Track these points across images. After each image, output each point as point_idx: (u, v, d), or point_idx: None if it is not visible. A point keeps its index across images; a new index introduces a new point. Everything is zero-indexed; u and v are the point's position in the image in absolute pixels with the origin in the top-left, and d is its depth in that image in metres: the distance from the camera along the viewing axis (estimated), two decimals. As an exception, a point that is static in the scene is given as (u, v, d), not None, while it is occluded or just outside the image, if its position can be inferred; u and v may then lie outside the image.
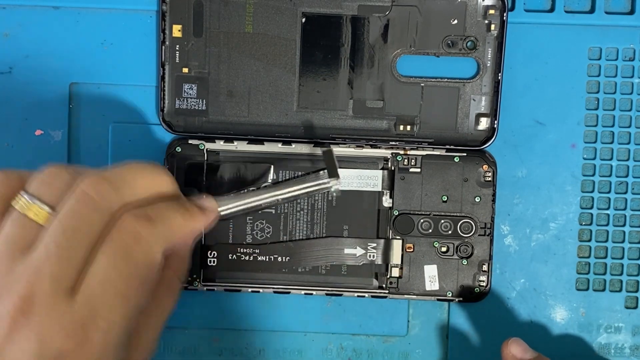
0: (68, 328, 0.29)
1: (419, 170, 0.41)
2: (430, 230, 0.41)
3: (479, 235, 0.41)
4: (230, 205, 0.36)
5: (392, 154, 0.41)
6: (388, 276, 0.41)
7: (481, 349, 0.43)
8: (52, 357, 0.29)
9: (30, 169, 0.42)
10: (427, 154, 0.41)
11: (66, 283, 0.30)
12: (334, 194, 0.41)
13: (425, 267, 0.41)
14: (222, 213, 0.36)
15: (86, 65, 0.42)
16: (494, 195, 0.41)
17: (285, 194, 0.38)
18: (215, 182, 0.41)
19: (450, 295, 0.41)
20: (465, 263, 0.41)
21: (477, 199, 0.41)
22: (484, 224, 0.41)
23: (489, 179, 0.41)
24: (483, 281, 0.41)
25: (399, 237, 0.41)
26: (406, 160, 0.41)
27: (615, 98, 0.42)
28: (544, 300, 0.42)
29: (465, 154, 0.41)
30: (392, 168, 0.41)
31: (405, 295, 0.41)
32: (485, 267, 0.41)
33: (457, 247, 0.41)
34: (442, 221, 0.41)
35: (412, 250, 0.41)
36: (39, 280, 0.30)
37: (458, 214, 0.41)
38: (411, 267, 0.41)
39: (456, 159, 0.41)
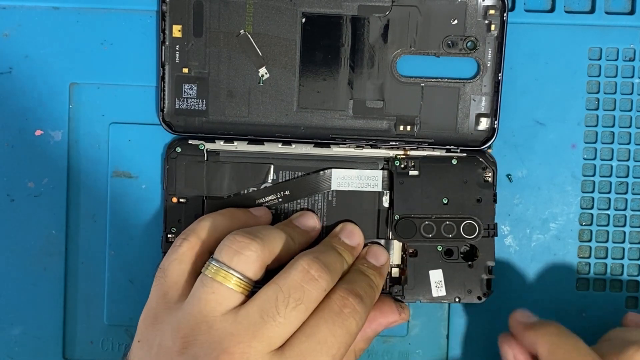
0: None
1: (417, 173, 0.41)
2: (433, 234, 0.40)
3: (482, 237, 0.40)
4: None
5: (388, 158, 0.41)
6: (388, 276, 0.41)
7: (481, 349, 0.43)
8: None
9: (30, 169, 0.42)
10: (424, 156, 0.40)
11: (277, 345, 0.33)
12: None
13: (430, 272, 0.40)
14: None
15: (86, 65, 0.42)
16: (494, 195, 0.40)
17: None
18: (215, 183, 0.41)
19: (458, 300, 0.40)
20: (471, 266, 0.41)
21: (479, 200, 0.40)
22: (487, 225, 0.40)
23: (489, 179, 0.40)
24: (491, 284, 0.40)
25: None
26: (404, 164, 0.41)
27: (616, 98, 0.42)
28: (544, 300, 0.42)
29: (464, 154, 0.40)
30: (391, 171, 0.41)
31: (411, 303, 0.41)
32: (492, 270, 0.40)
33: (461, 250, 0.41)
34: (445, 224, 0.40)
35: (415, 255, 0.41)
36: (251, 339, 0.33)
37: (460, 216, 0.40)
38: (416, 272, 0.41)
39: (454, 162, 0.40)
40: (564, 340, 0.37)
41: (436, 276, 0.40)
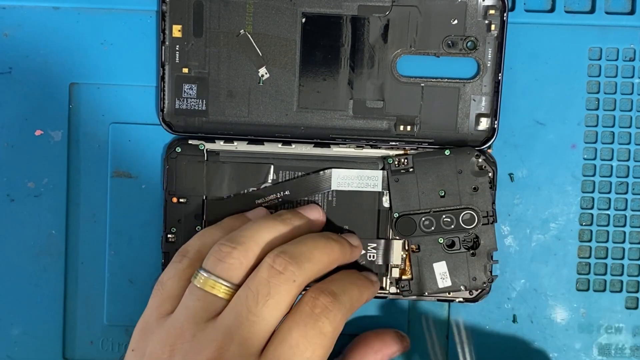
0: None
1: (411, 169, 0.41)
2: (433, 228, 0.41)
3: (482, 224, 0.41)
4: None
5: (383, 157, 0.41)
6: (388, 276, 0.41)
7: (481, 349, 0.43)
8: None
9: (30, 169, 0.42)
10: (418, 152, 0.41)
11: (255, 347, 0.33)
12: None
13: (434, 264, 0.41)
14: None
15: (86, 65, 0.42)
16: (490, 182, 0.40)
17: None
18: (215, 183, 0.41)
19: (464, 288, 0.41)
20: (474, 255, 0.41)
21: (475, 189, 0.40)
22: (485, 213, 0.41)
23: (483, 166, 0.40)
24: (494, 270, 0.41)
25: (399, 238, 0.41)
26: (397, 162, 0.41)
27: (616, 98, 0.42)
28: (544, 300, 0.42)
29: (453, 146, 0.40)
30: (386, 171, 0.41)
31: (421, 297, 0.41)
32: (494, 256, 0.41)
33: (462, 240, 0.41)
34: (443, 216, 0.41)
35: (418, 250, 0.41)
36: (229, 344, 0.33)
37: (458, 207, 0.41)
38: (420, 267, 0.41)
39: (447, 152, 0.40)
40: None
41: (440, 268, 0.41)
